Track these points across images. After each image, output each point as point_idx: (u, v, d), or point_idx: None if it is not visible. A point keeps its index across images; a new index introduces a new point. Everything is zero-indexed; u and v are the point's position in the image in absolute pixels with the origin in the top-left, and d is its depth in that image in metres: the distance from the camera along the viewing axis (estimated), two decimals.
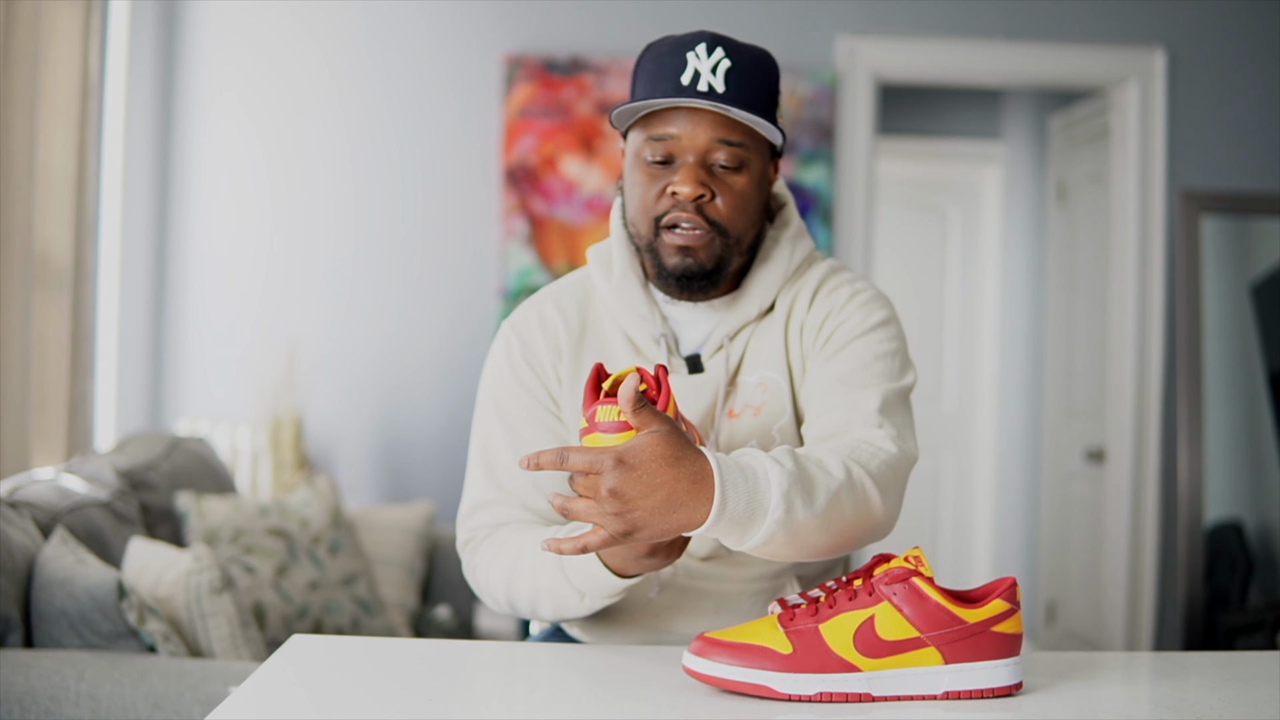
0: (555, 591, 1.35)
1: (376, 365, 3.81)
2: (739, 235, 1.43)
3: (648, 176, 1.42)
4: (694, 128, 1.39)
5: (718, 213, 1.40)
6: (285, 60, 3.81)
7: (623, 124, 1.46)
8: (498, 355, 1.54)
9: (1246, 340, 3.90)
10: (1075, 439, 4.52)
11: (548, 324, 1.52)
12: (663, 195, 1.41)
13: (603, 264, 1.53)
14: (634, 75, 1.45)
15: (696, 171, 1.39)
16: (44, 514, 2.11)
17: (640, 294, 1.49)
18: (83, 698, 1.74)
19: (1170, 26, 3.98)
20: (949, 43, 3.94)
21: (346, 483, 3.73)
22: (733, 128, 1.39)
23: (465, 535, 1.49)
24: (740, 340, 1.48)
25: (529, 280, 3.75)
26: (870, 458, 1.29)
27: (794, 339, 1.48)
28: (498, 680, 1.23)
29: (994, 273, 5.52)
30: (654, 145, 1.41)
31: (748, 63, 1.39)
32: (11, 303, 2.58)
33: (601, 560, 1.28)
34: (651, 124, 1.41)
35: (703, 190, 1.39)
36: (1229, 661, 1.33)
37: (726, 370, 1.47)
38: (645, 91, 1.41)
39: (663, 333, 1.48)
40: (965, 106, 5.44)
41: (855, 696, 1.11)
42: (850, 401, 1.38)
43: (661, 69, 1.40)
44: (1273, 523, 3.85)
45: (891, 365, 1.43)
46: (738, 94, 1.37)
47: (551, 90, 3.78)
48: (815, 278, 1.51)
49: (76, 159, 2.93)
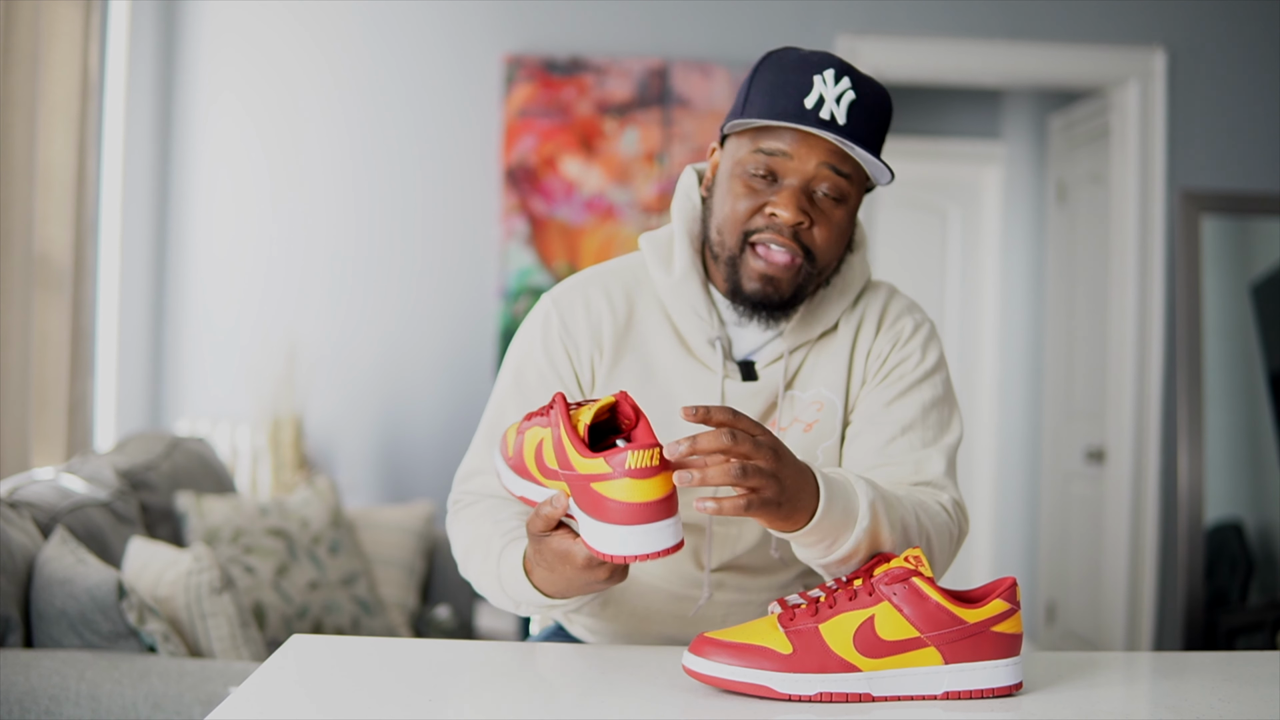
0: (496, 594, 1.36)
1: (376, 365, 3.81)
2: (825, 265, 1.42)
3: (747, 190, 1.39)
4: (807, 151, 1.36)
5: (812, 241, 1.38)
6: (285, 60, 3.81)
7: (731, 128, 1.42)
8: (533, 327, 1.50)
9: (1246, 340, 3.90)
10: (1075, 439, 4.52)
11: (593, 310, 1.48)
12: (758, 212, 1.39)
13: (661, 255, 1.49)
14: (750, 81, 1.41)
15: (799, 197, 1.37)
16: (44, 514, 2.11)
17: (701, 294, 1.46)
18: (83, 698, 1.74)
19: (1170, 26, 3.98)
20: (949, 42, 3.94)
21: (346, 483, 3.73)
22: (844, 159, 1.37)
23: (455, 495, 1.49)
24: (798, 355, 1.47)
25: (529, 280, 3.75)
26: (936, 519, 1.35)
27: (858, 364, 1.48)
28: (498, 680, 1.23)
29: (994, 273, 5.52)
30: (760, 159, 1.38)
31: (870, 97, 1.36)
32: (11, 303, 2.58)
33: (532, 583, 1.28)
34: (762, 137, 1.38)
35: (803, 218, 1.37)
36: (1229, 661, 1.33)
37: (782, 383, 1.45)
38: (764, 103, 1.37)
39: (719, 335, 1.45)
40: (965, 106, 5.44)
41: (855, 696, 1.11)
42: (915, 462, 1.42)
43: (785, 85, 1.36)
44: (1273, 523, 3.85)
45: (944, 415, 1.47)
46: (856, 128, 1.35)
47: (551, 90, 3.78)
48: (878, 302, 1.51)
49: (76, 159, 2.93)
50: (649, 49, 3.84)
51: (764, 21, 3.84)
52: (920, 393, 1.46)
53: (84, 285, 2.96)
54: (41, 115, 2.77)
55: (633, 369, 1.46)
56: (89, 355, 3.02)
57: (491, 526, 1.38)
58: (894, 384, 1.46)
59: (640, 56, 3.79)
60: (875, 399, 1.46)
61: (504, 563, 1.31)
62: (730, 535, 1.47)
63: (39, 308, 2.83)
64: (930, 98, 5.27)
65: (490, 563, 1.34)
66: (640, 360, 1.47)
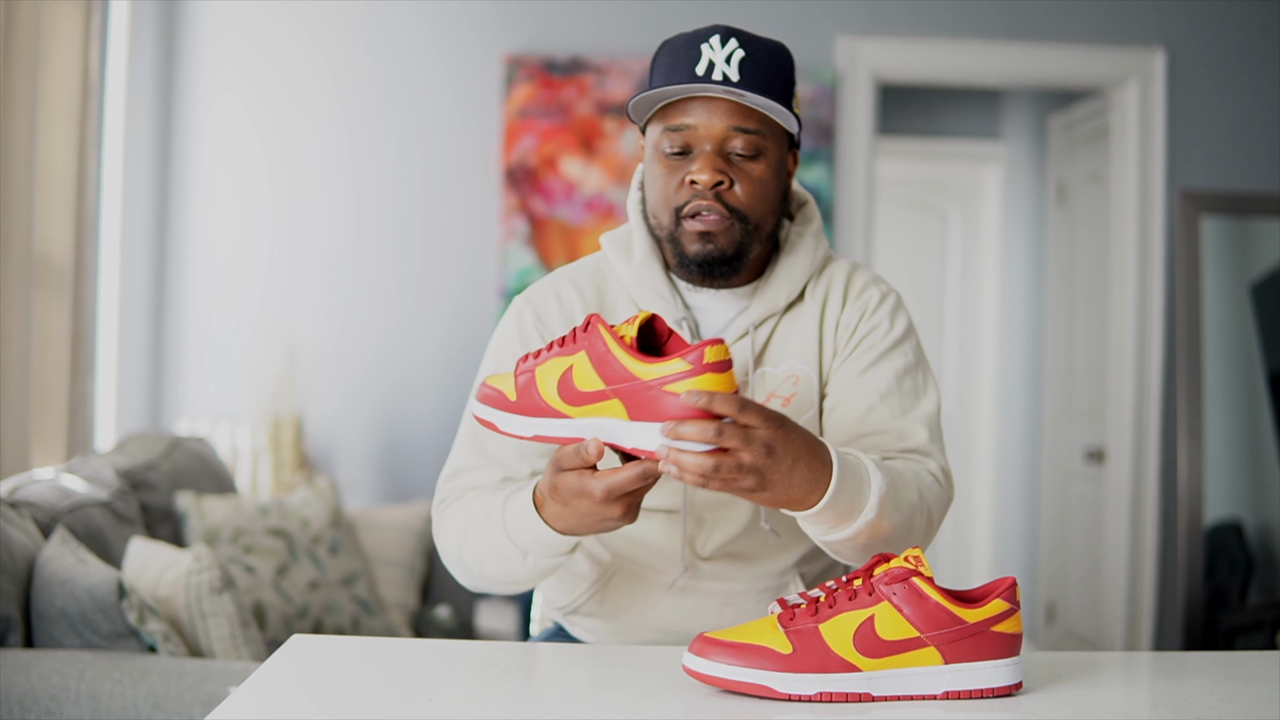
0: (500, 550, 1.34)
1: (376, 365, 3.81)
2: (758, 221, 1.43)
3: (667, 168, 1.43)
4: (710, 116, 1.40)
5: (737, 199, 1.41)
6: (285, 60, 3.81)
7: (640, 118, 1.47)
8: (508, 325, 1.54)
9: (1246, 340, 3.90)
10: (1075, 439, 4.52)
11: (565, 301, 1.52)
12: (682, 185, 1.42)
13: (621, 248, 1.54)
14: (650, 70, 1.46)
15: (714, 160, 1.40)
16: (44, 514, 2.11)
17: (662, 277, 1.49)
18: (83, 697, 1.74)
19: (1170, 26, 3.98)
20: (949, 43, 3.94)
21: (346, 483, 3.74)
22: (748, 115, 1.40)
23: (440, 495, 1.49)
24: (765, 329, 1.49)
25: (529, 280, 3.75)
26: (931, 491, 1.39)
27: (828, 335, 1.50)
28: (498, 680, 1.23)
29: (994, 273, 5.52)
30: (671, 136, 1.42)
31: (762, 52, 1.41)
32: (11, 303, 2.58)
33: (542, 518, 1.28)
34: (668, 115, 1.42)
35: (721, 178, 1.40)
36: (1229, 661, 1.33)
37: (751, 358, 1.47)
38: (661, 83, 1.42)
39: (684, 316, 1.48)
40: (965, 106, 5.44)
41: (855, 696, 1.11)
42: (899, 430, 1.44)
43: (677, 61, 1.41)
44: (1273, 523, 3.85)
45: (918, 381, 1.49)
46: (752, 81, 1.38)
47: (551, 90, 3.78)
48: (842, 274, 1.54)
49: (76, 159, 2.94)
50: (649, 49, 3.82)
51: (764, 21, 3.84)
52: (892, 360, 1.48)
53: (84, 285, 2.96)
54: (41, 115, 2.77)
55: None
56: (89, 355, 3.02)
57: (489, 496, 1.39)
58: (865, 353, 1.48)
59: (640, 56, 3.79)
60: (849, 369, 1.48)
61: (510, 511, 1.32)
62: (721, 519, 1.48)
63: (39, 308, 2.84)
64: (930, 98, 5.27)
65: (493, 522, 1.34)
66: None
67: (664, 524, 1.49)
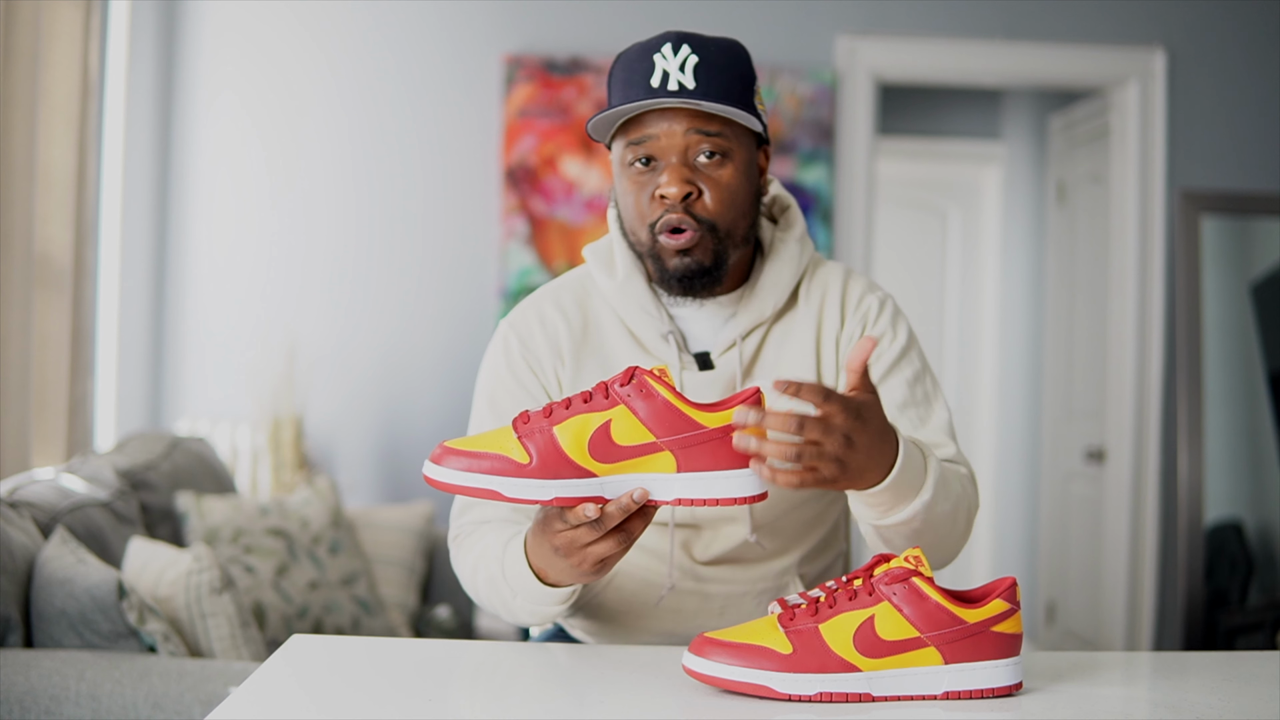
0: (496, 586, 1.34)
1: (376, 365, 3.81)
2: (729, 228, 1.42)
3: (635, 184, 1.42)
4: (670, 126, 1.39)
5: (706, 210, 1.40)
6: (285, 60, 3.81)
7: (603, 136, 1.46)
8: (495, 354, 1.53)
9: (1246, 340, 3.91)
10: (1075, 439, 4.52)
11: (548, 324, 1.52)
12: (653, 200, 1.41)
13: (604, 262, 1.53)
14: (608, 86, 1.45)
15: (680, 170, 1.39)
16: (44, 514, 2.11)
17: (646, 292, 1.48)
18: (83, 698, 1.74)
19: (1170, 26, 3.98)
20: (949, 43, 3.94)
21: (346, 483, 3.73)
22: (709, 119, 1.39)
23: (455, 531, 1.49)
24: (753, 340, 1.48)
25: (529, 280, 3.75)
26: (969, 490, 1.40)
27: (827, 349, 1.49)
28: (498, 680, 1.23)
29: (994, 273, 5.52)
30: (635, 150, 1.41)
31: (715, 55, 1.39)
32: (11, 303, 2.58)
33: (529, 563, 1.27)
34: (630, 130, 1.41)
35: (689, 188, 1.39)
36: (1229, 661, 1.33)
37: (739, 368, 1.46)
38: (619, 100, 1.41)
39: (670, 330, 1.47)
40: (965, 106, 5.44)
41: (855, 696, 1.11)
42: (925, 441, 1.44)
43: (631, 75, 1.40)
44: (1273, 523, 3.85)
45: (928, 387, 1.50)
46: (708, 87, 1.37)
47: (551, 90, 3.78)
48: (836, 282, 1.52)
49: (76, 159, 2.94)
50: None
51: (764, 22, 3.84)
52: (902, 371, 1.49)
53: (84, 285, 2.96)
54: (41, 115, 2.77)
55: (595, 372, 1.49)
56: (89, 355, 3.02)
57: (494, 537, 1.38)
58: (875, 366, 1.48)
59: None
60: None
61: (508, 554, 1.31)
62: (722, 534, 1.48)
63: (39, 308, 2.83)
64: (930, 98, 5.27)
65: (490, 558, 1.35)
66: (601, 363, 1.50)
67: (661, 531, 1.49)
